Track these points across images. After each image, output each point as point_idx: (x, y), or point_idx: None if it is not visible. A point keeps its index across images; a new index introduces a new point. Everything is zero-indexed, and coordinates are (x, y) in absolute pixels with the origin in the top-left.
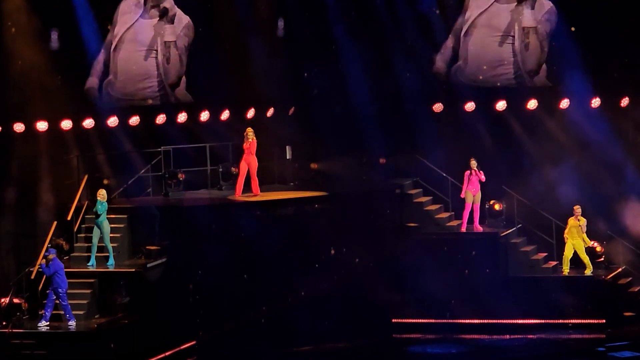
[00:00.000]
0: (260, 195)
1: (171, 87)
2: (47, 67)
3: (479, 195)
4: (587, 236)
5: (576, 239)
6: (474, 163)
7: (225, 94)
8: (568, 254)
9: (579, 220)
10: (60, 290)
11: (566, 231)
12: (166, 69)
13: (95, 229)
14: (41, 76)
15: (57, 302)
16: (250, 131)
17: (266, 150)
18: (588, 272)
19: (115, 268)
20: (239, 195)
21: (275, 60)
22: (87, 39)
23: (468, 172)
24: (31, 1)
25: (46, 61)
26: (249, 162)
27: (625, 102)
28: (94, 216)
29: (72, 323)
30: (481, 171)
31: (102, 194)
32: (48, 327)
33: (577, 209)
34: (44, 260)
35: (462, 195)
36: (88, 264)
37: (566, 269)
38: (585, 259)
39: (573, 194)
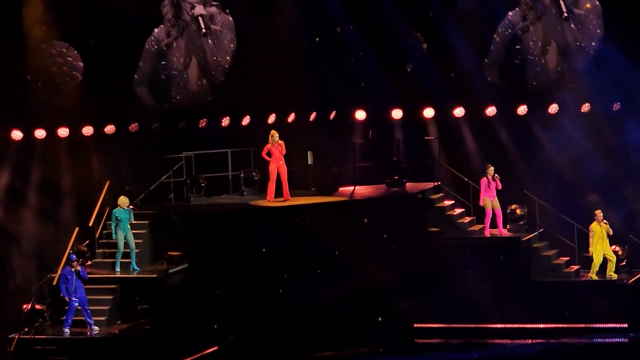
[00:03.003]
0: (283, 201)
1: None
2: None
3: (497, 200)
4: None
5: (602, 243)
6: (491, 170)
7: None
8: (597, 261)
9: (606, 225)
10: (82, 297)
11: (593, 239)
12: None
13: (119, 234)
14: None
15: (79, 308)
16: (275, 134)
17: (289, 155)
18: (611, 272)
19: (137, 274)
20: (271, 199)
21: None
22: None
23: (484, 179)
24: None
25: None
26: (279, 167)
27: None
28: (115, 223)
29: (96, 328)
30: (497, 176)
31: (121, 201)
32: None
33: (599, 213)
34: (76, 266)
35: (481, 204)
36: (116, 270)
37: (594, 274)
38: (612, 260)
39: (594, 198)
